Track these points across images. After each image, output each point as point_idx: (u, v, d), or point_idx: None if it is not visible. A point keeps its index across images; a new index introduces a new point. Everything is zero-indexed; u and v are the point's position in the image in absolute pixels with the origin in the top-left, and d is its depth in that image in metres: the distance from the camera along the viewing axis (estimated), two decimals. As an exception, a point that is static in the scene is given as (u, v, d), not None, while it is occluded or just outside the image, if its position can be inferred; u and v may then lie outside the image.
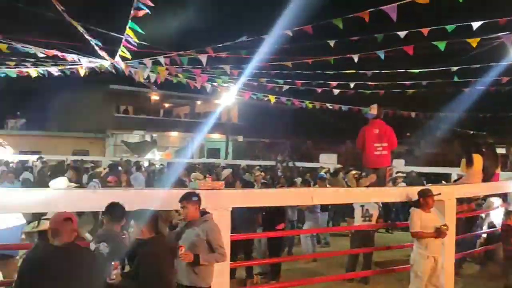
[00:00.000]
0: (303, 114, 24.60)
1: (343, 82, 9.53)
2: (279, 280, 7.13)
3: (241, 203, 5.59)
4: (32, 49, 7.94)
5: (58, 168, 12.64)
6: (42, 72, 10.58)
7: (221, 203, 4.81)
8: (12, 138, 25.51)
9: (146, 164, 19.71)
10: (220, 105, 22.16)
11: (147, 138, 29.62)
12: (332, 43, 6.98)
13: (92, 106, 29.52)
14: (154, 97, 31.42)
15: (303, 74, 9.32)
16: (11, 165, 15.40)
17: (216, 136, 30.99)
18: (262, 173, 12.61)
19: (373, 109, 6.57)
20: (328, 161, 18.57)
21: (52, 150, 23.50)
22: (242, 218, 6.86)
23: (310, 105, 11.92)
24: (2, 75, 10.80)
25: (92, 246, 3.90)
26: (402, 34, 6.39)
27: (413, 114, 12.64)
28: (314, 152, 25.82)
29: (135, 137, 30.08)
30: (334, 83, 9.50)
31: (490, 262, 8.19)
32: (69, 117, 30.59)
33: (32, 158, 17.74)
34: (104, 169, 11.70)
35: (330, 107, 11.79)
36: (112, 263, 3.55)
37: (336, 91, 10.08)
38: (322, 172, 12.42)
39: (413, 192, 6.11)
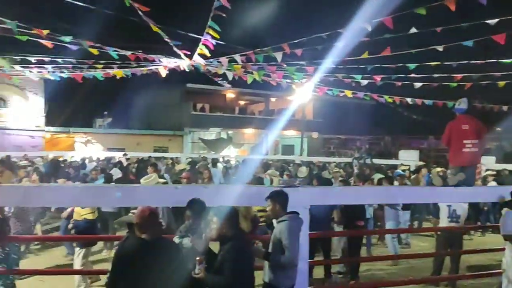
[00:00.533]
0: (381, 109, 23.80)
1: (426, 75, 9.03)
2: (358, 280, 6.96)
3: (320, 201, 5.51)
4: (119, 52, 8.38)
5: (141, 164, 13.32)
6: (126, 73, 11.16)
7: (299, 201, 4.74)
8: (99, 136, 27.43)
9: (221, 160, 20.19)
10: (294, 102, 22.07)
11: (223, 135, 30.34)
12: (413, 30, 6.63)
13: (171, 105, 30.82)
14: (230, 94, 32.10)
15: (382, 68, 8.95)
16: (99, 162, 16.59)
17: (290, 132, 30.98)
18: (341, 170, 12.39)
19: (463, 103, 6.10)
20: (409, 158, 17.82)
21: (135, 147, 24.96)
22: (318, 215, 6.78)
23: (390, 100, 11.42)
24: (91, 77, 11.55)
25: (176, 240, 4.03)
26: (492, 22, 5.91)
27: (504, 108, 11.67)
28: (393, 148, 24.96)
29: (211, 134, 30.95)
30: (416, 76, 9.02)
31: None
32: (149, 116, 32.22)
33: (117, 155, 18.89)
34: (186, 165, 12.11)
35: (411, 102, 11.20)
36: (197, 258, 3.64)
37: (417, 85, 9.58)
38: (399, 170, 11.97)
39: (505, 191, 5.67)
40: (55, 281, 6.76)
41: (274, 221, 4.32)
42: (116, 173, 11.36)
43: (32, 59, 9.31)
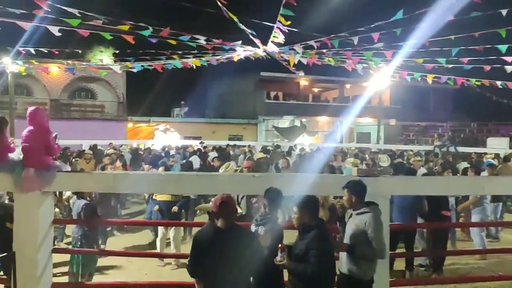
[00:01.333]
0: (465, 94, 22.41)
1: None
2: (441, 274, 6.62)
3: (401, 191, 5.33)
4: (198, 41, 8.55)
5: (221, 153, 13.68)
6: (202, 63, 11.41)
7: (379, 191, 4.58)
8: (177, 125, 28.46)
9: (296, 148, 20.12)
10: (370, 88, 21.36)
11: (297, 123, 30.21)
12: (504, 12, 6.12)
13: (245, 94, 31.26)
14: (303, 82, 31.86)
15: (468, 50, 8.34)
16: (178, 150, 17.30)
17: (366, 120, 30.14)
18: (422, 159, 11.86)
19: None
20: (498, 145, 16.60)
21: (210, 136, 25.67)
22: (403, 206, 6.51)
23: (478, 83, 10.59)
24: (170, 67, 11.96)
25: (252, 228, 4.08)
26: None
27: None
28: (480, 135, 23.43)
29: (285, 122, 30.96)
30: (509, 59, 8.27)
31: None
32: (224, 105, 32.94)
33: (194, 143, 19.53)
34: (263, 154, 12.21)
35: (501, 85, 10.31)
36: (279, 245, 3.66)
37: (509, 68, 8.82)
38: (489, 159, 11.19)
39: None
40: (141, 262, 7.17)
41: (351, 211, 4.20)
42: (196, 160, 11.72)
43: (116, 52, 9.84)
